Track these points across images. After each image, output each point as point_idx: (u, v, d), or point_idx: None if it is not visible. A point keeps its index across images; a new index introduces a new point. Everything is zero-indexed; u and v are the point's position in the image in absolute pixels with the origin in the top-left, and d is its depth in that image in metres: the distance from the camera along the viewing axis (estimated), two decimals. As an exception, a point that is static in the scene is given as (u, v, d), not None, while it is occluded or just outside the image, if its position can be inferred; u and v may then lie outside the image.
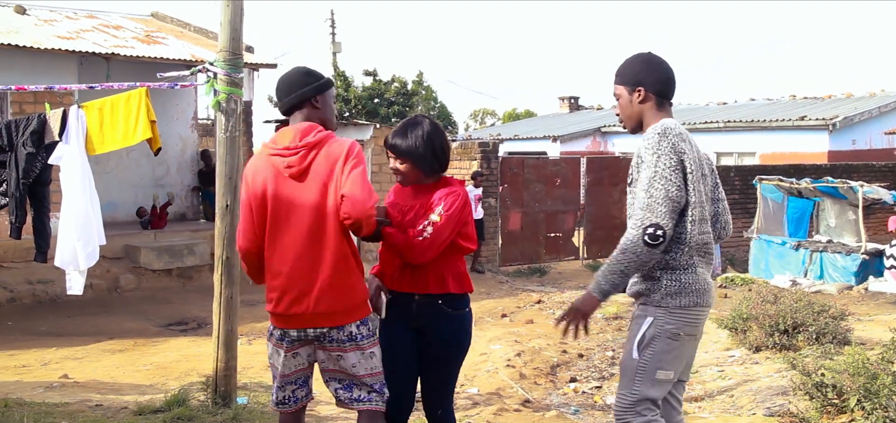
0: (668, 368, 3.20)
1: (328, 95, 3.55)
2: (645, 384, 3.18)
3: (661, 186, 3.05)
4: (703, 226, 3.22)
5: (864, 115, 22.00)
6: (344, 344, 3.40)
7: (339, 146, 3.38)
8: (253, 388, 6.17)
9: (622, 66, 3.37)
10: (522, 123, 35.24)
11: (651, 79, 3.28)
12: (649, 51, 3.38)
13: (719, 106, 28.41)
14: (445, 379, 3.74)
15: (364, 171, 3.36)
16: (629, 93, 3.30)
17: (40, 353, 8.23)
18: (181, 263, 12.53)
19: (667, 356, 3.18)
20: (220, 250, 5.17)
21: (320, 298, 3.35)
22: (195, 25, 15.73)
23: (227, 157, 5.10)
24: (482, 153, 14.94)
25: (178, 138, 15.29)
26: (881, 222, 16.48)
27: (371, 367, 3.45)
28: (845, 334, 7.23)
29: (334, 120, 3.60)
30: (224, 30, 4.99)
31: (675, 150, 3.10)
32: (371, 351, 3.45)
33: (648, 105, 3.28)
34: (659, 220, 3.02)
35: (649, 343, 3.18)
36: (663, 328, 3.16)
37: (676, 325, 3.18)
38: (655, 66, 3.31)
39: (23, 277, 11.18)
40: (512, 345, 8.52)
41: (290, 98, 3.49)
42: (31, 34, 12.07)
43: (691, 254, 3.19)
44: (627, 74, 3.33)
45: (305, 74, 3.54)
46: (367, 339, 3.44)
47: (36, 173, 6.37)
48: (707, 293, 3.25)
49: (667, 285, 3.17)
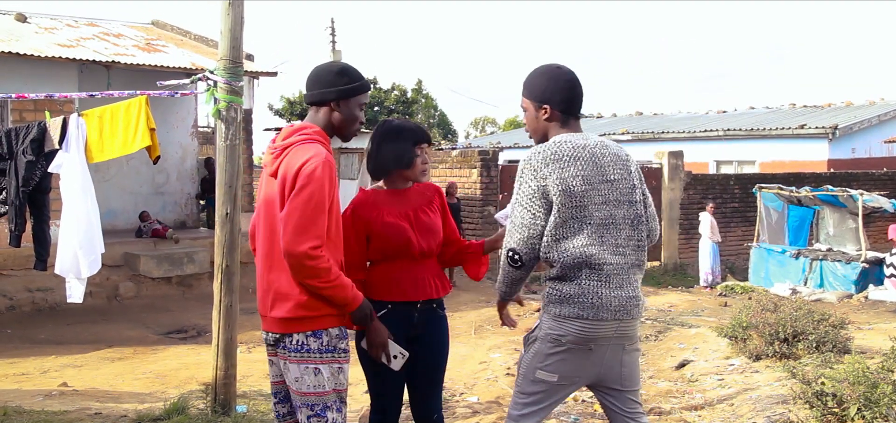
0: (550, 370, 3.25)
1: (354, 101, 3.27)
2: (525, 381, 3.30)
3: (519, 212, 3.22)
4: (589, 238, 3.16)
5: (863, 123, 22.04)
6: (290, 354, 3.13)
7: (296, 159, 3.07)
8: (252, 396, 6.16)
9: (530, 79, 3.38)
10: (522, 132, 35.25)
11: (557, 98, 3.29)
12: (557, 64, 3.38)
13: (719, 114, 28.46)
14: (439, 382, 3.78)
15: (308, 199, 2.99)
16: (536, 109, 3.34)
17: (39, 361, 8.22)
18: (181, 271, 12.54)
19: (550, 358, 3.24)
20: (219, 259, 5.16)
21: (275, 301, 3.14)
22: (195, 33, 15.77)
23: (226, 165, 5.10)
24: (482, 161, 14.95)
25: (178, 146, 15.30)
26: (881, 231, 16.49)
27: (315, 384, 3.11)
28: (845, 342, 7.22)
29: (354, 127, 3.32)
30: (224, 38, 4.99)
31: (537, 176, 3.16)
32: (318, 368, 3.11)
33: (554, 123, 3.31)
34: (514, 245, 3.22)
35: (533, 343, 3.31)
36: (546, 332, 3.26)
37: (558, 331, 3.22)
38: (563, 84, 3.31)
39: (22, 285, 11.18)
40: (512, 353, 8.50)
41: (311, 93, 3.28)
42: (32, 42, 12.10)
43: (573, 267, 3.17)
44: (535, 90, 3.34)
45: (338, 73, 3.27)
46: (318, 354, 3.11)
47: (36, 181, 6.37)
48: (596, 308, 3.17)
49: (549, 293, 3.26)
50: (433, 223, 3.68)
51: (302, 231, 2.96)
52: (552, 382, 3.27)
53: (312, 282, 3.02)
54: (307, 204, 2.98)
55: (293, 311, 3.08)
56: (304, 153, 3.06)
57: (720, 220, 16.78)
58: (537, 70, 3.39)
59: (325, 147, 3.15)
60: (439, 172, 15.64)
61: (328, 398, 3.13)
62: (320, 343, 3.11)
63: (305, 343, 3.10)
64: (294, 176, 3.01)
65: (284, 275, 3.08)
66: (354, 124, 3.30)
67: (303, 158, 3.04)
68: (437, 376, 3.75)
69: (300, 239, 2.96)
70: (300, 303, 3.07)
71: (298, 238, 2.96)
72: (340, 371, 3.17)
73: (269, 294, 3.15)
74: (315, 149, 3.08)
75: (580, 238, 3.15)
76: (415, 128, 3.73)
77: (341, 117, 3.25)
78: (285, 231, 2.98)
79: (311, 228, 2.98)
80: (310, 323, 3.09)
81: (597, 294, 3.16)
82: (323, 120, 3.25)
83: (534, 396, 3.28)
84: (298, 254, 2.96)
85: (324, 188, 3.01)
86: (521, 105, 3.42)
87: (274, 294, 3.13)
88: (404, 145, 3.63)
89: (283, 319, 3.11)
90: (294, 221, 2.97)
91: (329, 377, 3.13)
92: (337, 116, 3.25)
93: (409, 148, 3.63)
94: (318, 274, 3.00)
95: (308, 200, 2.98)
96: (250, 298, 12.28)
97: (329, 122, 3.25)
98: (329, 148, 3.19)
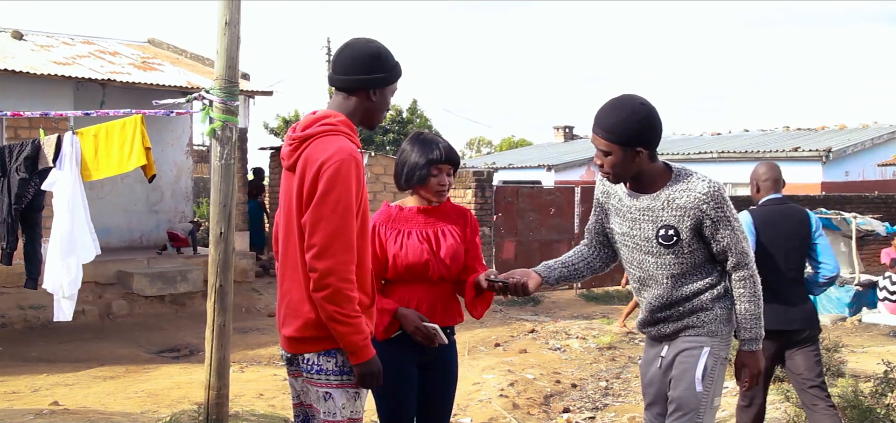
0: (720, 395, 3.28)
1: (390, 89, 2.92)
2: (708, 415, 3.23)
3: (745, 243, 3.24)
4: None
5: (857, 146, 22.14)
6: (305, 374, 2.84)
7: (316, 154, 2.69)
8: (245, 416, 6.13)
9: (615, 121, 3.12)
10: (517, 152, 35.38)
11: (655, 141, 3.18)
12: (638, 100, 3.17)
13: (713, 136, 28.57)
14: (449, 407, 3.71)
15: (335, 206, 2.62)
16: (625, 152, 3.13)
17: (31, 379, 8.17)
18: (174, 289, 12.49)
19: (721, 383, 3.27)
20: (213, 278, 5.15)
21: (286, 316, 2.84)
22: (192, 52, 15.79)
23: (221, 184, 5.10)
24: (476, 182, 14.96)
25: (173, 165, 15.29)
26: (874, 254, 16.51)
27: (326, 411, 2.80)
28: (839, 366, 7.22)
29: (383, 116, 2.97)
30: (220, 57, 5.00)
31: None
32: (328, 392, 2.79)
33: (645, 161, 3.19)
34: None
35: (710, 372, 3.22)
36: (719, 355, 3.24)
37: (726, 351, 3.29)
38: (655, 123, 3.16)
39: (14, 302, 11.13)
40: (505, 375, 8.48)
41: (346, 79, 2.85)
42: (28, 60, 12.10)
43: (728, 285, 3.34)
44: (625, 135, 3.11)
45: (375, 56, 2.86)
46: (330, 376, 2.79)
47: (29, 199, 6.35)
48: None
49: (720, 314, 3.25)
50: (456, 248, 3.52)
51: (329, 244, 2.62)
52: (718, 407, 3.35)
53: (329, 306, 2.66)
54: (334, 212, 2.63)
55: (303, 330, 2.77)
56: (327, 148, 2.68)
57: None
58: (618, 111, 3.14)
59: (351, 140, 2.77)
60: (434, 193, 15.64)
61: None
62: (334, 363, 2.78)
63: (317, 363, 2.78)
64: (314, 175, 2.65)
65: (296, 286, 2.77)
66: (385, 112, 2.97)
67: (325, 154, 2.67)
68: (449, 403, 3.68)
69: (327, 253, 2.62)
70: (310, 321, 2.75)
71: (325, 252, 2.62)
72: (357, 397, 2.84)
73: (282, 307, 2.86)
74: (339, 142, 2.71)
75: None
76: (435, 145, 3.49)
77: (375, 106, 2.89)
78: (310, 243, 2.64)
79: (340, 238, 2.63)
80: (323, 343, 2.77)
81: None
82: (353, 108, 2.86)
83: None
84: (322, 270, 2.62)
85: (350, 191, 2.65)
86: (599, 147, 3.19)
87: (286, 308, 2.83)
88: (420, 162, 3.46)
89: (292, 338, 2.82)
90: (321, 232, 2.62)
91: (344, 403, 2.80)
92: (371, 105, 2.88)
93: (422, 165, 3.46)
94: (339, 301, 2.65)
95: (335, 207, 2.63)
96: (243, 317, 12.25)
97: (359, 110, 2.87)
98: (356, 140, 2.82)
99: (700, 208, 3.12)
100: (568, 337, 11.02)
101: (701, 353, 3.21)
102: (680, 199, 3.15)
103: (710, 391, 3.20)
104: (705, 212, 3.13)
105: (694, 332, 3.24)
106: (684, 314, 3.26)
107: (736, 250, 3.19)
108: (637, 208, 3.26)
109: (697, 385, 3.18)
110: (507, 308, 13.83)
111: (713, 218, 3.13)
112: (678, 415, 3.22)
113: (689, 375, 3.20)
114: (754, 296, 3.23)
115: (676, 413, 3.23)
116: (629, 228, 3.32)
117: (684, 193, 3.14)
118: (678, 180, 3.19)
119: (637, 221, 3.27)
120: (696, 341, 3.23)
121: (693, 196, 3.13)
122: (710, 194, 3.12)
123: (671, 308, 3.27)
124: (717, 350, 3.22)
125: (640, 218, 3.26)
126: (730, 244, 3.18)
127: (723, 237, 3.17)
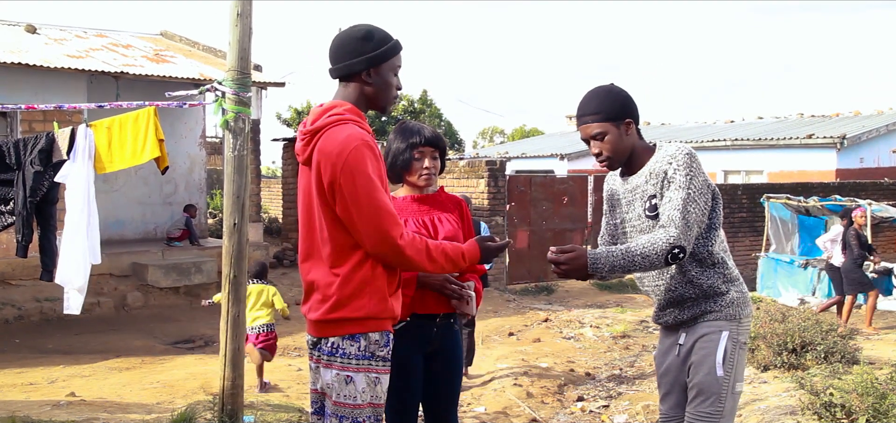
0: (741, 381, 3.24)
1: (386, 66, 2.89)
2: (730, 400, 3.19)
3: (693, 206, 3.03)
4: (722, 238, 3.29)
5: (872, 133, 21.95)
6: (324, 357, 2.87)
7: (328, 145, 2.75)
8: (260, 406, 6.17)
9: (597, 104, 3.19)
10: (530, 142, 35.31)
11: (636, 111, 3.25)
12: (608, 84, 3.26)
13: (727, 124, 28.40)
14: (456, 398, 3.71)
15: (365, 190, 2.70)
16: (618, 126, 3.18)
17: (47, 371, 8.24)
18: (188, 280, 12.57)
19: (742, 368, 3.23)
20: (227, 269, 5.17)
21: (312, 302, 2.90)
22: (204, 44, 15.84)
23: (234, 176, 5.12)
24: (489, 172, 14.95)
25: (186, 157, 15.35)
26: (890, 241, 16.43)
27: (347, 394, 2.82)
28: (854, 353, 7.20)
29: (391, 95, 2.94)
30: (232, 49, 5.01)
31: (703, 170, 3.13)
32: (350, 375, 2.82)
33: (635, 136, 3.24)
34: (684, 242, 2.98)
35: (730, 356, 3.19)
36: (738, 340, 3.21)
37: (745, 336, 3.26)
38: (629, 97, 3.24)
39: (30, 294, 11.23)
40: (519, 363, 8.49)
41: (337, 67, 2.90)
42: (42, 53, 12.17)
43: (733, 266, 3.28)
44: (612, 111, 3.17)
45: (363, 38, 2.87)
46: (353, 359, 2.82)
47: (43, 192, 6.39)
48: None
49: (736, 297, 3.22)
50: (454, 234, 3.52)
51: (374, 229, 2.72)
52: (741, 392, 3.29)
53: (422, 261, 2.83)
54: (368, 195, 2.71)
55: (329, 313, 2.81)
56: (337, 137, 2.74)
57: (728, 230, 16.73)
58: (598, 94, 3.21)
59: (360, 126, 2.81)
60: (446, 183, 15.64)
61: (362, 412, 2.84)
62: (357, 347, 2.82)
63: (340, 346, 2.82)
64: (331, 169, 2.71)
65: (320, 272, 2.84)
66: (391, 92, 2.94)
67: (336, 144, 2.73)
68: (456, 391, 3.68)
69: (383, 232, 2.73)
70: (337, 302, 2.80)
71: (381, 232, 2.72)
72: (378, 382, 2.86)
73: (308, 294, 2.93)
74: (348, 130, 2.76)
75: (721, 237, 3.26)
76: (416, 130, 3.48)
77: (374, 88, 2.89)
78: (368, 234, 2.73)
79: (382, 212, 2.72)
80: (348, 326, 2.81)
81: None
82: (354, 95, 2.90)
83: (734, 412, 3.24)
84: (384, 253, 2.76)
85: (368, 169, 2.71)
86: (592, 133, 3.21)
87: (311, 294, 2.90)
88: (401, 147, 3.46)
89: (318, 321, 2.86)
90: (362, 225, 2.72)
91: (364, 388, 2.83)
92: (369, 88, 2.89)
93: (404, 149, 3.45)
94: (420, 250, 2.81)
95: (366, 191, 2.71)
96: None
97: (361, 95, 2.90)
98: (366, 126, 2.86)
99: (664, 171, 3.11)
100: (582, 326, 11.02)
101: (720, 337, 3.19)
102: (655, 166, 3.16)
103: (730, 376, 3.17)
104: (667, 173, 3.09)
105: (712, 316, 3.21)
106: (699, 298, 3.23)
107: (669, 214, 3.01)
108: (629, 190, 3.29)
109: (718, 369, 3.16)
110: (520, 297, 13.84)
111: (669, 176, 3.07)
112: (700, 401, 3.19)
113: (710, 360, 3.18)
114: (646, 252, 2.96)
115: (698, 398, 3.20)
116: (626, 211, 3.33)
117: (658, 161, 3.15)
118: (657, 152, 3.21)
119: (631, 203, 3.29)
120: (715, 326, 3.21)
121: (663, 157, 3.13)
122: (674, 155, 3.10)
123: (676, 290, 3.25)
124: (735, 335, 3.19)
125: (632, 199, 3.28)
126: (668, 207, 3.02)
127: (667, 198, 3.05)
